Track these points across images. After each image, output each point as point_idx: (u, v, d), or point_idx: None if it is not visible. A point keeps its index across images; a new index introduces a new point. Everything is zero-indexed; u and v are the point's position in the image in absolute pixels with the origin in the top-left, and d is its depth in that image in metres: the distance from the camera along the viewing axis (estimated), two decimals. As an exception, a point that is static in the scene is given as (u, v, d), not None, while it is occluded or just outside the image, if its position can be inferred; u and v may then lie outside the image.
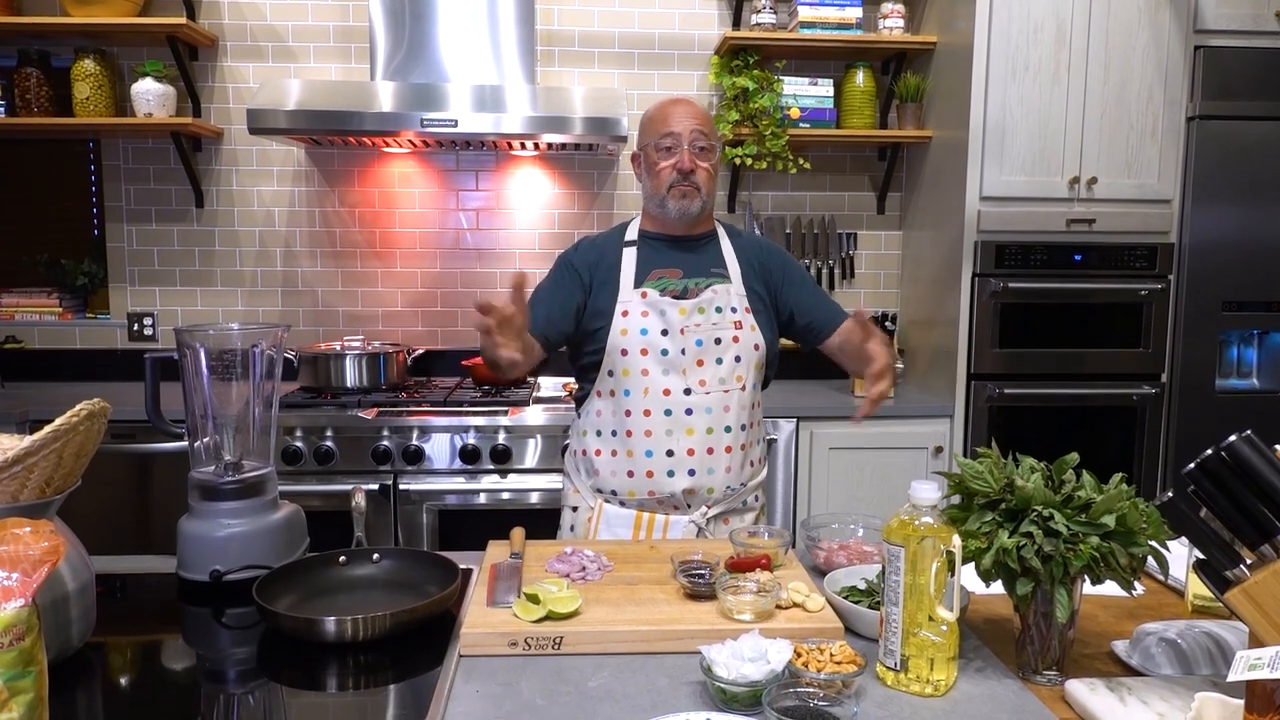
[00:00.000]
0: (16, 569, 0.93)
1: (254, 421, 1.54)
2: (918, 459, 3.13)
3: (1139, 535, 1.13)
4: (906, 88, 3.40)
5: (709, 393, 1.86)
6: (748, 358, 1.91)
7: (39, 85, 3.22)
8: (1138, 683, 1.12)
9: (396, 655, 1.25)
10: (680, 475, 1.86)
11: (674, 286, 1.91)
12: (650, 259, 1.95)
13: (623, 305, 1.89)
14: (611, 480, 1.90)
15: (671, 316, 1.87)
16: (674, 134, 1.88)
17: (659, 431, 1.86)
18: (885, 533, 1.15)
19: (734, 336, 1.89)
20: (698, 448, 1.86)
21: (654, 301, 1.88)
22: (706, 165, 1.90)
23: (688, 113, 1.90)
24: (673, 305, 1.87)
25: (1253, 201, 3.12)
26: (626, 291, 1.90)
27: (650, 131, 1.93)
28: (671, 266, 1.94)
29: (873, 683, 1.16)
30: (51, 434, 1.15)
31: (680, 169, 1.87)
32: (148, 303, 3.53)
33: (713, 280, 1.93)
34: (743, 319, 1.92)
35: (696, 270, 1.94)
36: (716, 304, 1.89)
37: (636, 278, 1.92)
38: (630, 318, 1.88)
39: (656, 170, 1.90)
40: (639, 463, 1.87)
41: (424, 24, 3.17)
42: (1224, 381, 3.23)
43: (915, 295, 3.56)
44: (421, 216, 3.55)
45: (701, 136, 1.89)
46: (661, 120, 1.91)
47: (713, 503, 1.89)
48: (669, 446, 1.85)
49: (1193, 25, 3.04)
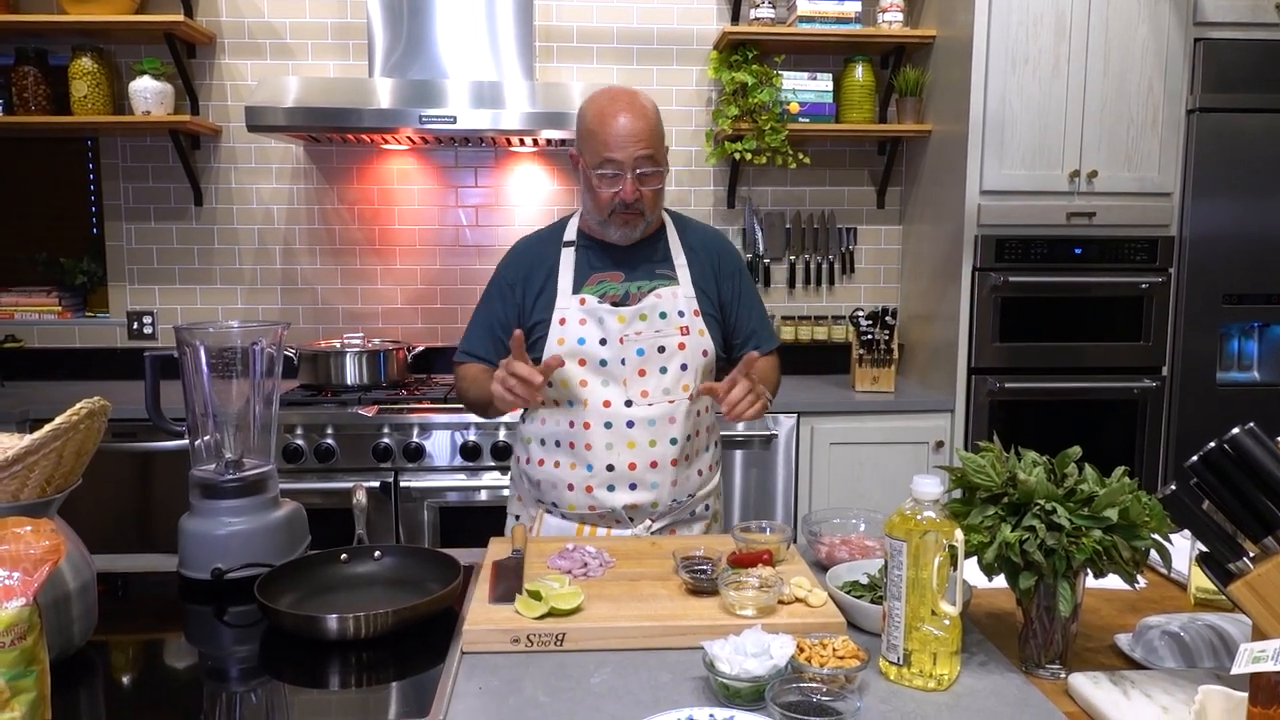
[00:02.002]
0: (18, 568, 0.93)
1: (254, 419, 1.54)
2: (918, 454, 3.13)
3: (1141, 528, 1.13)
4: (906, 82, 3.39)
5: (652, 404, 1.75)
6: (695, 365, 1.79)
7: (36, 84, 3.21)
8: (1141, 676, 1.12)
9: (399, 653, 1.25)
10: (621, 490, 1.76)
11: (614, 291, 1.80)
12: (590, 261, 1.83)
13: (560, 312, 1.78)
14: (551, 492, 1.81)
15: (610, 325, 1.76)
16: (615, 161, 1.71)
17: (599, 445, 1.75)
18: (887, 527, 1.15)
19: (679, 344, 1.78)
20: (640, 462, 1.75)
21: (592, 309, 1.77)
22: (653, 190, 1.75)
23: (630, 134, 1.70)
24: (611, 313, 1.76)
25: (1253, 194, 3.12)
26: (564, 297, 1.79)
27: (589, 150, 1.74)
28: (613, 269, 1.82)
29: (876, 677, 1.16)
30: (52, 432, 1.14)
31: (623, 199, 1.72)
32: (147, 301, 3.53)
33: (658, 283, 1.81)
34: (690, 323, 1.80)
35: (640, 273, 1.82)
36: (660, 309, 1.78)
37: (575, 282, 1.80)
38: (568, 326, 1.77)
39: (596, 194, 1.75)
40: (579, 476, 1.77)
41: (422, 20, 3.16)
42: (1225, 374, 3.23)
43: (915, 290, 3.56)
44: (420, 213, 3.55)
45: (647, 161, 1.72)
46: (602, 142, 1.71)
47: (656, 516, 1.79)
48: (609, 461, 1.75)
49: (1192, 17, 3.04)
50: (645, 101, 1.75)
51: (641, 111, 1.73)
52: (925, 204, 3.45)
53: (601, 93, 1.78)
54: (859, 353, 3.27)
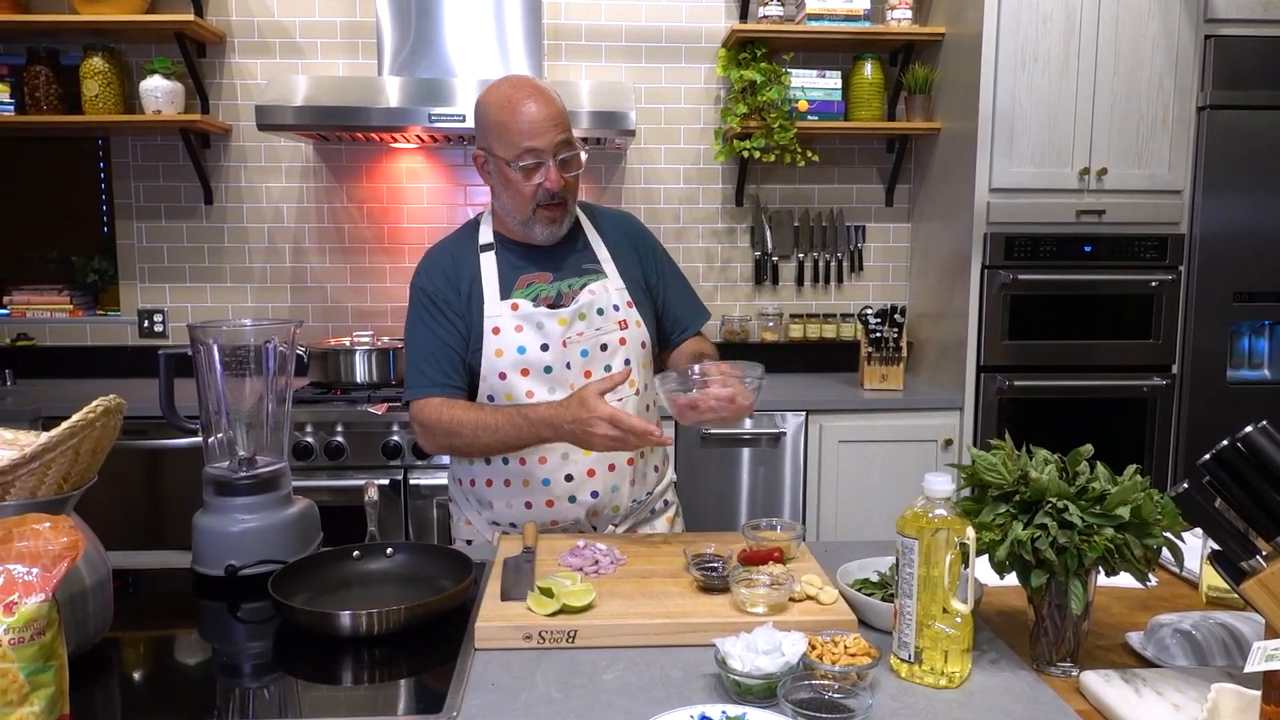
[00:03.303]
0: (37, 564, 0.94)
1: (267, 417, 1.55)
2: (927, 451, 3.13)
3: (1154, 527, 1.12)
4: (915, 79, 3.39)
5: None
6: (637, 358, 1.73)
7: (48, 83, 3.23)
8: (1153, 674, 1.12)
9: (411, 649, 1.26)
10: (583, 497, 1.70)
11: (546, 293, 1.71)
12: (514, 263, 1.74)
13: (492, 321, 1.68)
14: (508, 513, 1.73)
15: (550, 329, 1.67)
16: (536, 150, 1.62)
17: (554, 456, 1.67)
18: (899, 525, 1.15)
19: (620, 339, 1.71)
20: (598, 466, 1.69)
21: (527, 314, 1.68)
22: (573, 175, 1.68)
23: (547, 119, 1.62)
24: (550, 316, 1.67)
25: (1264, 191, 3.10)
26: (493, 305, 1.69)
27: (503, 142, 1.64)
28: (539, 270, 1.73)
29: (887, 675, 1.16)
30: (69, 430, 1.15)
31: (549, 188, 1.64)
32: (158, 299, 3.54)
33: (587, 278, 1.73)
34: (626, 315, 1.73)
35: (568, 270, 1.74)
36: (597, 305, 1.70)
37: (502, 288, 1.71)
38: (503, 335, 1.67)
39: (517, 189, 1.66)
40: (536, 492, 1.70)
41: (430, 19, 3.17)
42: (1235, 372, 3.21)
43: (924, 288, 3.55)
44: (429, 212, 3.56)
45: (565, 146, 1.64)
46: (518, 131, 1.62)
47: (620, 520, 1.75)
48: (567, 470, 1.68)
49: (1203, 14, 3.02)
50: (548, 87, 1.68)
51: (548, 97, 1.65)
52: (934, 202, 3.44)
53: (500, 82, 1.69)
54: (868, 351, 3.26)
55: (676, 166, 3.61)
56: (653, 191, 3.61)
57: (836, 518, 3.13)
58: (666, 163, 3.59)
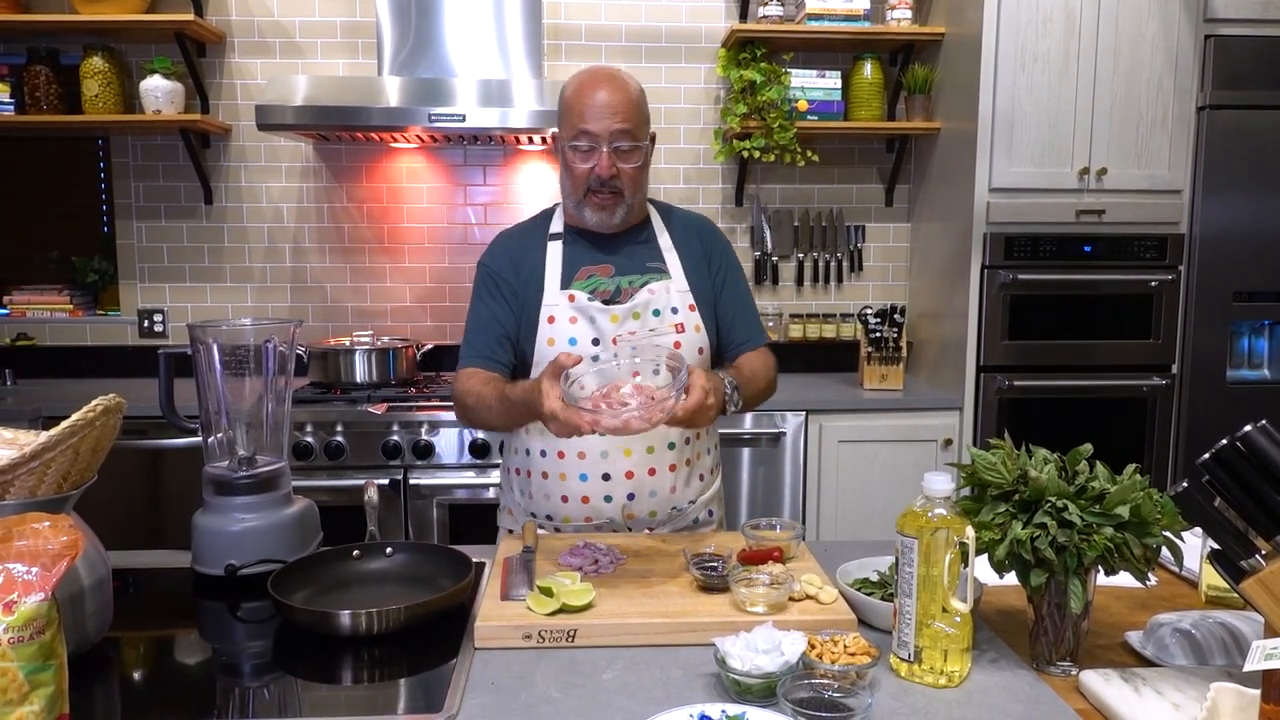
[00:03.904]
0: (36, 563, 0.94)
1: (267, 417, 1.55)
2: (927, 451, 3.13)
3: (1153, 526, 1.13)
4: (915, 79, 3.39)
5: None
6: (693, 362, 1.67)
7: (48, 83, 3.23)
8: (1152, 673, 1.12)
9: (411, 648, 1.26)
10: (618, 498, 1.68)
11: (605, 286, 1.71)
12: (578, 255, 1.73)
13: (548, 310, 1.69)
14: (545, 504, 1.73)
15: (603, 324, 1.67)
16: (590, 133, 1.62)
17: (594, 452, 1.66)
18: (898, 524, 1.15)
19: (674, 342, 1.68)
20: (637, 469, 1.67)
21: (582, 306, 1.68)
22: (631, 167, 1.65)
23: (608, 106, 1.61)
24: (603, 312, 1.67)
25: (1263, 191, 3.11)
26: (552, 294, 1.69)
27: (564, 122, 1.66)
28: (602, 263, 1.73)
29: (887, 674, 1.16)
30: (69, 429, 1.15)
31: (598, 174, 1.63)
32: (158, 299, 3.54)
33: (649, 277, 1.72)
34: (685, 319, 1.71)
35: (630, 266, 1.73)
36: (654, 306, 1.69)
37: (563, 277, 1.71)
38: (557, 325, 1.68)
39: (570, 171, 1.67)
40: (573, 486, 1.69)
41: (430, 19, 3.17)
42: (1235, 372, 3.21)
43: (924, 287, 3.55)
44: (429, 211, 3.56)
45: (624, 135, 1.63)
46: (577, 113, 1.63)
47: (655, 525, 1.73)
48: (605, 469, 1.67)
49: (1203, 14, 3.02)
50: (628, 79, 1.68)
51: (621, 86, 1.65)
52: (934, 202, 3.44)
53: (584, 69, 1.71)
54: (867, 350, 3.26)
55: (676, 166, 3.61)
56: (652, 191, 3.53)
57: (836, 517, 3.13)
58: (666, 162, 3.59)
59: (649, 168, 1.74)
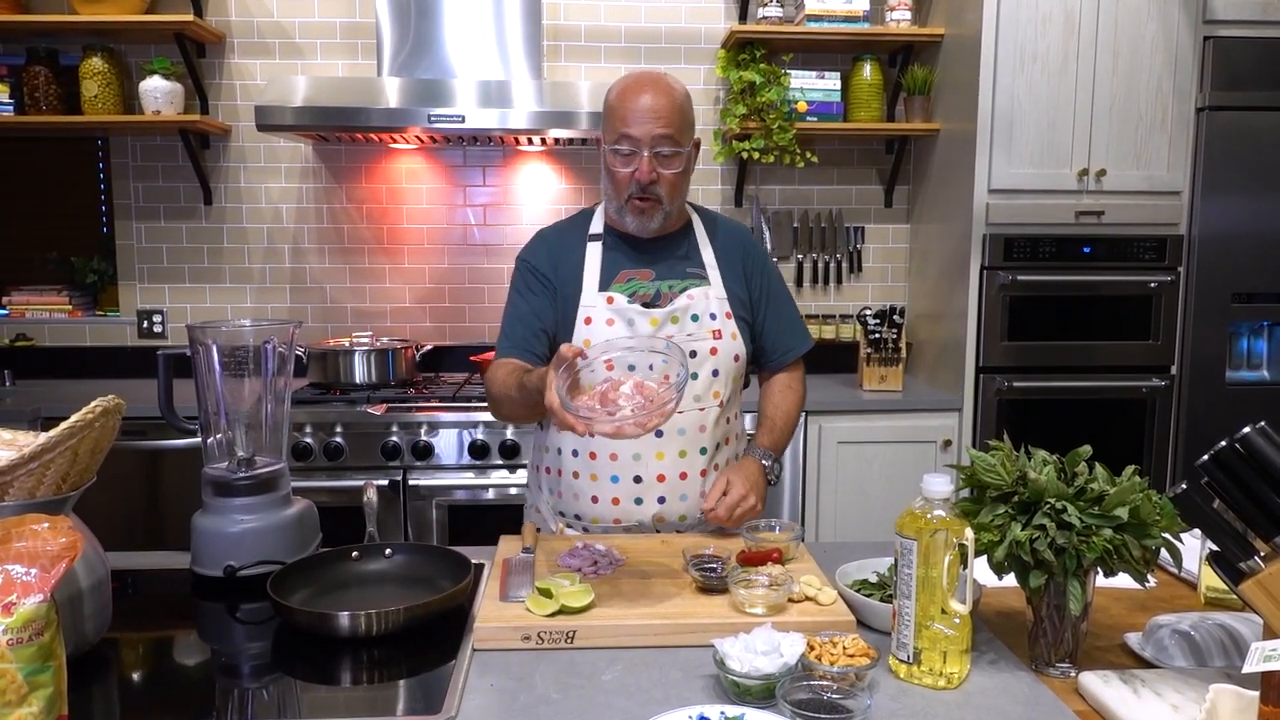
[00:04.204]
0: (35, 564, 0.94)
1: (266, 418, 1.55)
2: (926, 452, 3.13)
3: (1152, 527, 1.13)
4: (914, 80, 3.39)
5: (682, 412, 1.65)
6: (726, 370, 1.72)
7: (48, 83, 3.23)
8: (1151, 675, 1.12)
9: (410, 649, 1.26)
10: (649, 502, 1.69)
11: (645, 290, 1.71)
12: (618, 257, 1.74)
13: (586, 311, 1.69)
14: (575, 504, 1.73)
15: (641, 327, 1.67)
16: (631, 138, 1.62)
17: (626, 455, 1.67)
18: (898, 525, 1.15)
19: (712, 348, 1.70)
20: (669, 473, 1.68)
21: (621, 309, 1.68)
22: (672, 173, 1.65)
23: (651, 111, 1.61)
24: (642, 315, 1.67)
25: (1263, 192, 3.11)
26: (590, 295, 1.70)
27: (607, 126, 1.68)
28: (643, 266, 1.73)
29: (886, 675, 1.16)
30: (68, 430, 1.15)
31: (638, 179, 1.64)
32: (157, 300, 3.54)
33: (689, 283, 1.73)
34: (723, 326, 1.72)
35: (671, 271, 1.74)
36: (693, 311, 1.70)
37: (602, 279, 1.71)
38: (594, 326, 1.67)
39: (611, 175, 1.67)
40: (604, 487, 1.69)
41: (429, 20, 3.17)
42: (1234, 373, 3.22)
43: (923, 288, 3.55)
44: (429, 212, 3.56)
45: (665, 141, 1.62)
46: (619, 117, 1.64)
47: (684, 529, 1.73)
48: (637, 472, 1.67)
49: (1202, 15, 3.03)
50: (673, 83, 1.67)
51: (666, 91, 1.64)
52: (933, 203, 3.44)
53: (631, 73, 1.72)
54: (866, 351, 3.26)
55: (676, 167, 3.60)
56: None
57: (835, 518, 3.13)
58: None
59: (690, 174, 1.73)
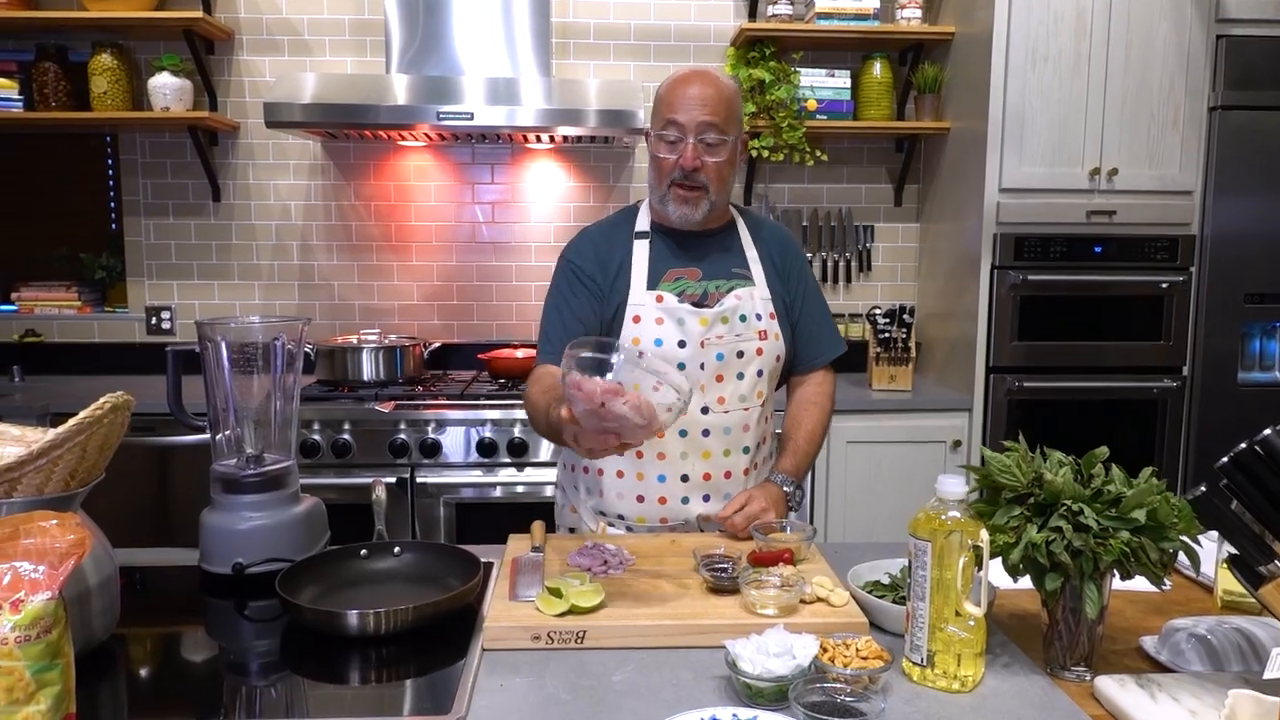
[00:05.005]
0: (44, 561, 0.93)
1: (275, 415, 1.54)
2: (936, 453, 3.11)
3: (1170, 530, 1.11)
4: (924, 79, 3.37)
5: (728, 411, 1.69)
6: (769, 370, 1.74)
7: (57, 80, 3.23)
8: (1168, 679, 1.11)
9: (419, 648, 1.25)
10: (695, 501, 1.70)
11: (693, 290, 1.71)
12: (665, 255, 1.73)
13: (634, 309, 1.69)
14: (619, 504, 1.72)
15: (691, 327, 1.67)
16: (678, 124, 1.64)
17: (673, 454, 1.68)
18: (911, 527, 1.14)
19: (757, 349, 1.72)
20: (714, 471, 1.70)
21: (671, 308, 1.68)
22: (716, 161, 1.66)
23: (698, 99, 1.64)
24: (693, 314, 1.67)
25: (1275, 192, 3.08)
26: (638, 293, 1.69)
27: (655, 113, 1.71)
28: (690, 265, 1.73)
29: (899, 678, 1.15)
30: (76, 426, 1.15)
31: (683, 165, 1.65)
32: (165, 296, 3.54)
33: (735, 283, 1.74)
34: (768, 327, 1.74)
35: (717, 271, 1.74)
36: (740, 311, 1.71)
37: (650, 277, 1.71)
38: (643, 325, 1.67)
39: (656, 162, 1.69)
40: (650, 487, 1.69)
41: (438, 17, 3.16)
42: (1246, 374, 3.19)
43: (933, 288, 3.54)
44: (437, 210, 3.55)
45: (711, 128, 1.64)
46: (667, 104, 1.66)
47: None
48: (684, 470, 1.69)
49: (1215, 14, 3.00)
50: (722, 77, 1.71)
51: (713, 82, 1.67)
52: (943, 202, 3.43)
53: (684, 68, 1.75)
54: (876, 351, 3.25)
55: (684, 165, 3.59)
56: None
57: (845, 519, 3.12)
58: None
59: (735, 166, 1.73)
